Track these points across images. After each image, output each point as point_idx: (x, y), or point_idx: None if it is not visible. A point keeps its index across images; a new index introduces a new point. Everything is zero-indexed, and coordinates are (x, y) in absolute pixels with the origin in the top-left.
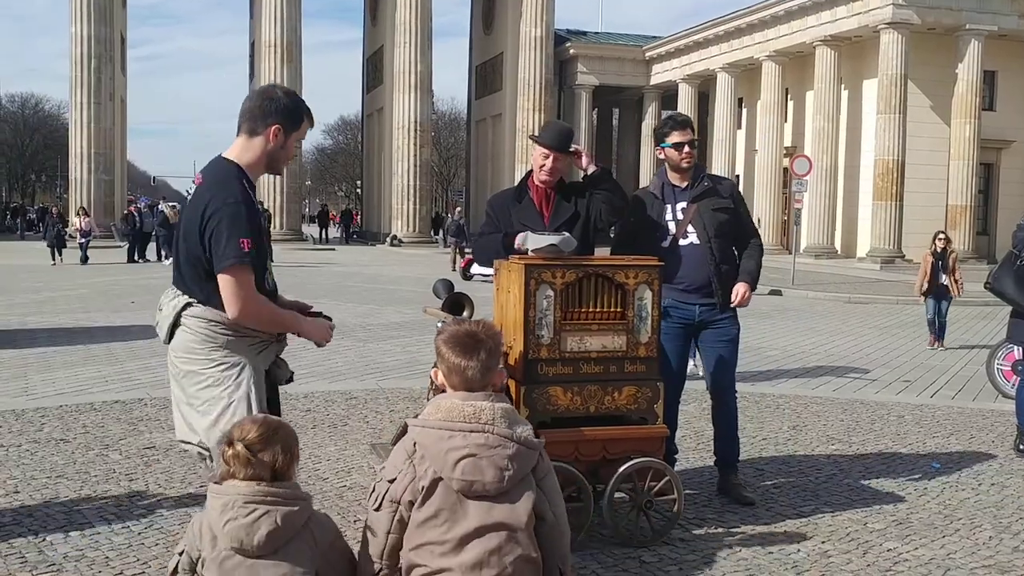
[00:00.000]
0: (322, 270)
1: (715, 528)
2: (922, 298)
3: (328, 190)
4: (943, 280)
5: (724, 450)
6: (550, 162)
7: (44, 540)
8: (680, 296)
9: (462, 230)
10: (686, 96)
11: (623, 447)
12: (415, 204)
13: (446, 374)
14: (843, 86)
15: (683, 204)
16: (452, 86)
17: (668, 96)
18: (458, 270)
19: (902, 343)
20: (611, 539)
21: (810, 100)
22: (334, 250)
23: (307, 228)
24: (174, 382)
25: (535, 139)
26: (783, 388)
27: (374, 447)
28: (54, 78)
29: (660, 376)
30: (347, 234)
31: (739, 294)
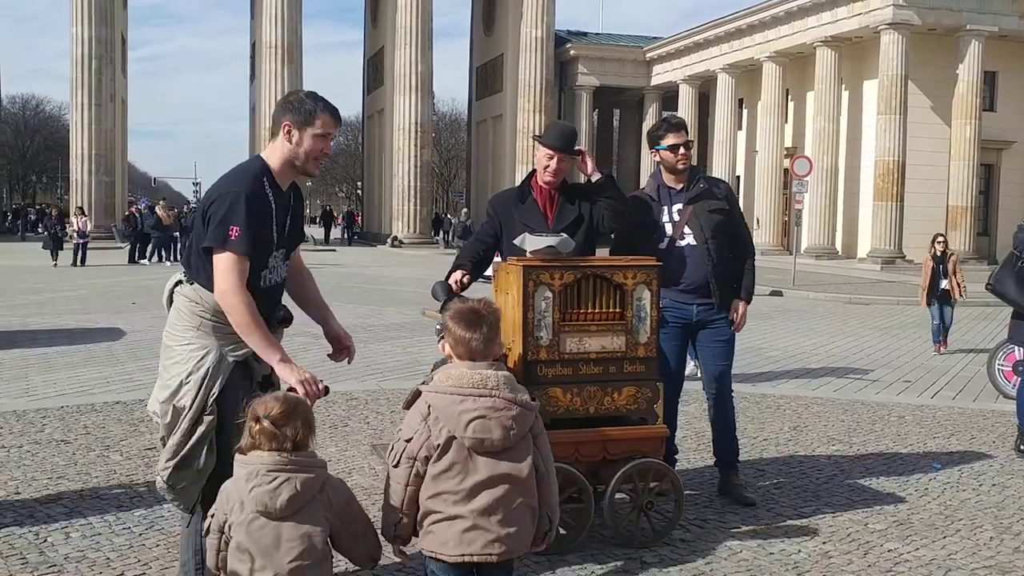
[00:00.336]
0: (323, 271)
1: (716, 529)
2: (925, 306)
3: (329, 191)
4: (943, 285)
5: (723, 451)
6: (554, 163)
7: (45, 541)
8: (678, 297)
9: (469, 231)
10: (687, 97)
11: (623, 448)
12: (416, 205)
13: (453, 345)
14: (844, 87)
15: (679, 206)
16: (453, 87)
17: (669, 97)
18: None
19: (903, 344)
20: (612, 540)
21: (811, 101)
22: (335, 251)
23: (309, 229)
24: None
25: (539, 140)
26: (784, 389)
27: (375, 448)
28: (55, 79)
29: (660, 376)
30: (349, 235)
31: (740, 314)
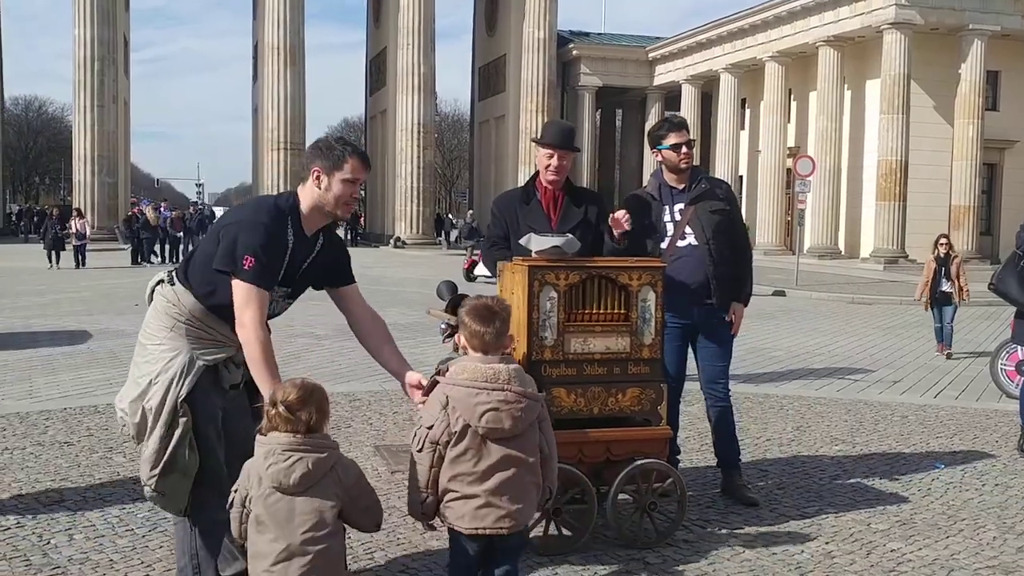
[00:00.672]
0: None
1: (719, 529)
2: (925, 308)
3: None
4: (944, 287)
5: (724, 451)
6: (555, 161)
7: (48, 543)
8: (678, 297)
9: (476, 232)
10: (689, 97)
11: (627, 448)
12: (418, 206)
13: (468, 338)
14: (846, 86)
15: (680, 205)
16: (455, 88)
17: (671, 97)
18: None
19: (906, 343)
20: (615, 541)
21: (813, 100)
22: None
23: None
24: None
25: (538, 141)
26: (787, 389)
27: (378, 449)
28: (57, 80)
29: (664, 378)
30: (353, 236)
31: (739, 318)
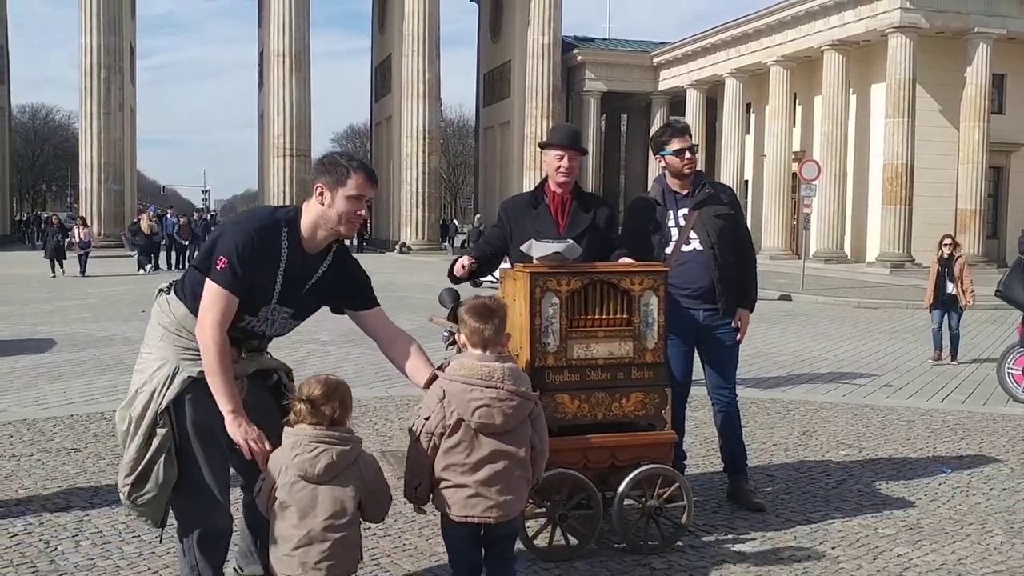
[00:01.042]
0: None
1: (725, 534)
2: (927, 307)
3: None
4: (950, 289)
5: (731, 456)
6: (566, 162)
7: (56, 550)
8: (683, 302)
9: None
10: (694, 101)
11: (632, 454)
12: (424, 212)
13: (468, 335)
14: (851, 90)
15: (684, 210)
16: (460, 93)
17: (676, 102)
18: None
19: (912, 347)
20: (621, 546)
21: (818, 105)
22: None
23: None
24: None
25: (547, 144)
26: (793, 393)
27: (383, 455)
28: (64, 88)
29: (668, 382)
30: (360, 242)
31: (745, 324)
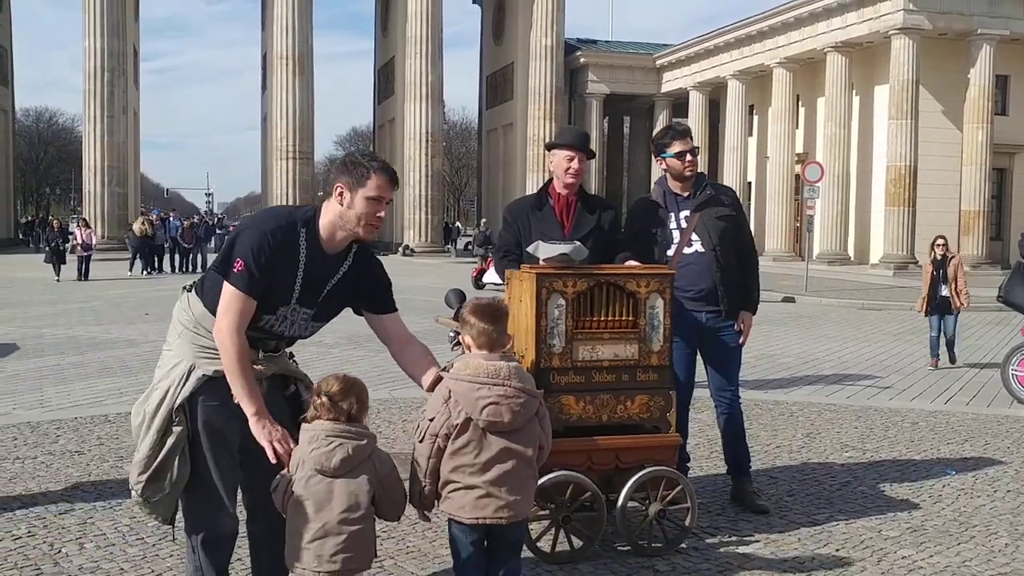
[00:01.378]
0: None
1: (729, 536)
2: (921, 309)
3: None
4: (943, 292)
5: (734, 458)
6: (575, 163)
7: (59, 552)
8: (686, 304)
9: (489, 240)
10: (697, 104)
11: (636, 456)
12: (427, 214)
13: (475, 336)
14: (854, 92)
15: (686, 212)
16: (463, 96)
17: (679, 104)
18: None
19: (916, 349)
20: (625, 549)
21: (821, 106)
22: None
23: None
24: None
25: (556, 145)
26: (797, 395)
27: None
28: (67, 91)
29: (673, 385)
30: None
31: (748, 327)
